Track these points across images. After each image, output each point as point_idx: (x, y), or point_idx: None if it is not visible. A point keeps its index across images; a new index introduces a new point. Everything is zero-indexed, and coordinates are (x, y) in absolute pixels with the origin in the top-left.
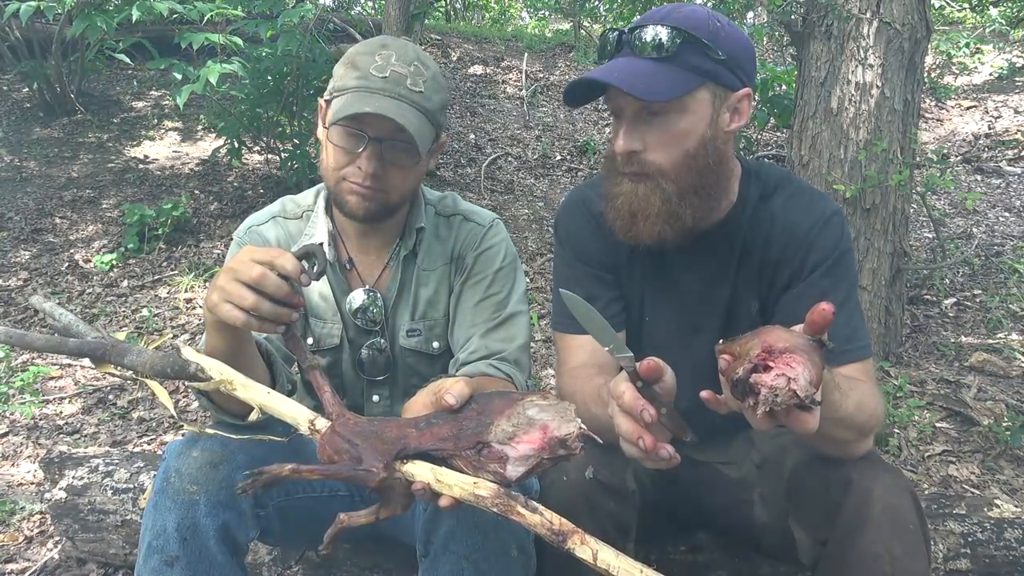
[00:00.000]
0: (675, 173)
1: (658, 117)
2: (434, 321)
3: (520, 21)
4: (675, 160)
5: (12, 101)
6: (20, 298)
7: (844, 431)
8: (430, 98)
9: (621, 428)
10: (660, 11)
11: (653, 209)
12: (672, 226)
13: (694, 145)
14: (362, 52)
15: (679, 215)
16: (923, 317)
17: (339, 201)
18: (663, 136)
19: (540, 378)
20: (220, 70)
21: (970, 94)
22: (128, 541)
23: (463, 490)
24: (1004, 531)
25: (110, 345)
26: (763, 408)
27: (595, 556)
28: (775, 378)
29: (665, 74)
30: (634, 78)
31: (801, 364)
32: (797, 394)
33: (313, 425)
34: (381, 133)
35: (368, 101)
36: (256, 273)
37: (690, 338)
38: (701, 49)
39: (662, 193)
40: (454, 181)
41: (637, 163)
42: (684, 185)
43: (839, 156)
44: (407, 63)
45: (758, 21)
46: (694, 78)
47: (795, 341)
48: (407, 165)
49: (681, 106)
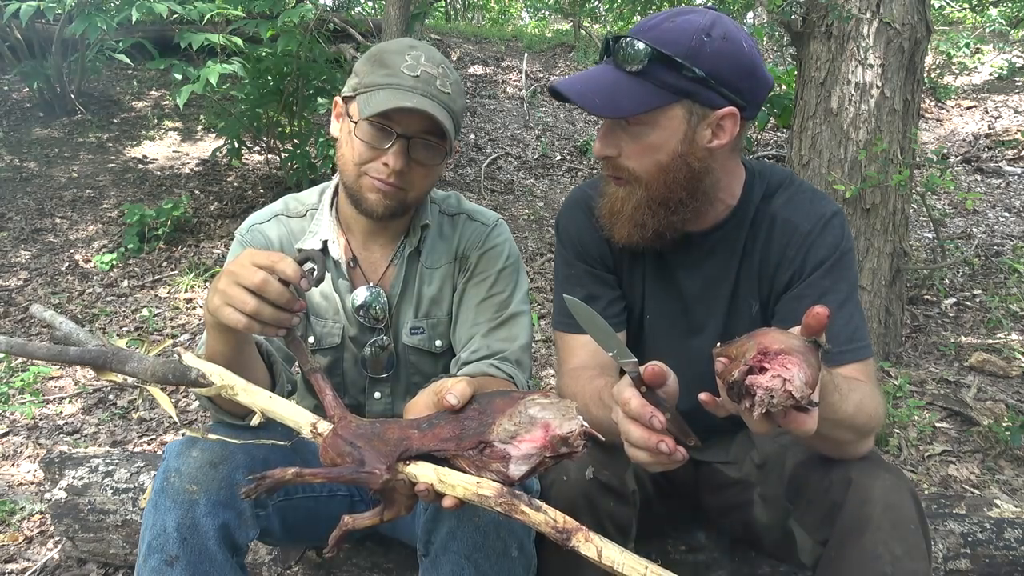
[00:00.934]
0: (648, 182)
1: (632, 127)
2: (437, 319)
3: (520, 21)
4: (648, 170)
5: (12, 101)
6: (20, 298)
7: (844, 432)
8: (455, 101)
9: (632, 435)
10: (654, 19)
11: (626, 212)
12: (639, 231)
13: (666, 159)
14: (390, 51)
15: (644, 223)
16: (923, 317)
17: (357, 198)
18: (635, 146)
19: (540, 378)
20: (220, 70)
21: (970, 94)
22: (128, 541)
23: (466, 490)
24: (1004, 531)
25: (111, 353)
26: (759, 410)
27: (599, 553)
28: (770, 379)
29: (633, 89)
30: (594, 91)
31: (796, 365)
32: (792, 395)
33: (315, 428)
34: (409, 130)
35: (404, 97)
36: (258, 279)
37: (691, 338)
38: (674, 67)
39: (635, 199)
40: (454, 181)
41: (613, 167)
42: (654, 195)
43: (839, 156)
44: (435, 64)
45: (758, 21)
46: (664, 95)
47: (791, 343)
48: (431, 164)
49: (652, 120)
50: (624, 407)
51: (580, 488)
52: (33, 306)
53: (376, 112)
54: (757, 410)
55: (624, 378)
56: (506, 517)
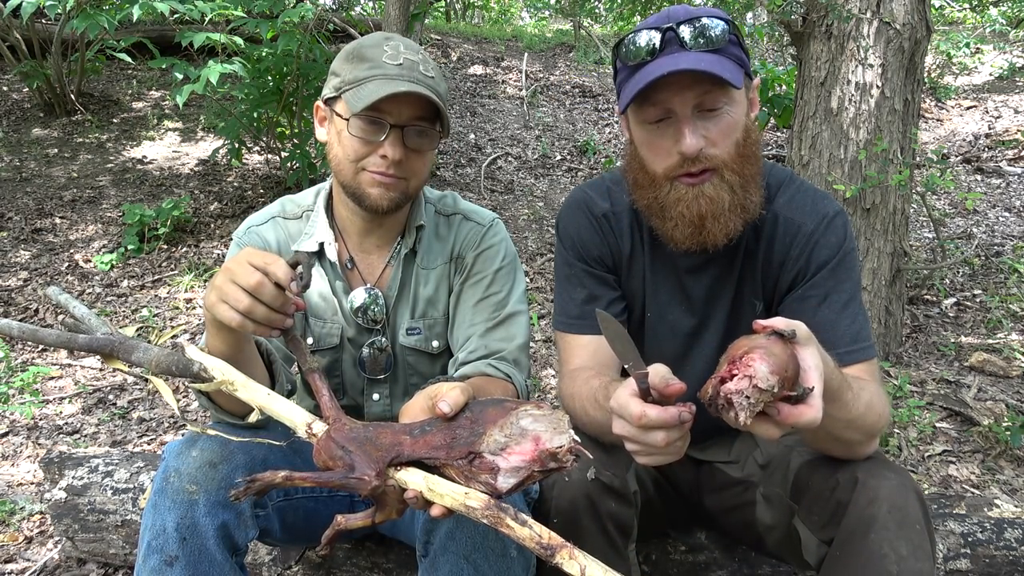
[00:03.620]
0: (735, 164)
1: (712, 112)
2: (434, 320)
3: (520, 21)
4: (731, 152)
5: (12, 101)
6: (20, 298)
7: (854, 432)
8: (439, 84)
9: (657, 440)
10: (680, 9)
11: (724, 205)
12: (741, 218)
13: (742, 135)
14: (367, 45)
15: (746, 205)
16: (923, 317)
17: (359, 195)
18: (720, 129)
19: (540, 378)
20: (220, 70)
21: (970, 94)
22: (128, 541)
23: (454, 500)
24: (1004, 531)
25: (118, 342)
26: (744, 414)
27: (583, 572)
28: (737, 382)
29: (725, 64)
30: (712, 67)
31: (758, 359)
32: (759, 387)
33: (310, 429)
34: (402, 119)
35: (395, 85)
36: (253, 280)
37: (693, 338)
38: (738, 41)
39: (728, 186)
40: (454, 181)
41: (705, 159)
42: (744, 174)
43: (839, 156)
44: (415, 52)
45: (758, 21)
46: (739, 69)
47: (752, 342)
48: (426, 150)
49: (731, 97)
50: (642, 421)
51: (581, 488)
52: (49, 288)
53: (368, 104)
54: (742, 415)
55: (626, 394)
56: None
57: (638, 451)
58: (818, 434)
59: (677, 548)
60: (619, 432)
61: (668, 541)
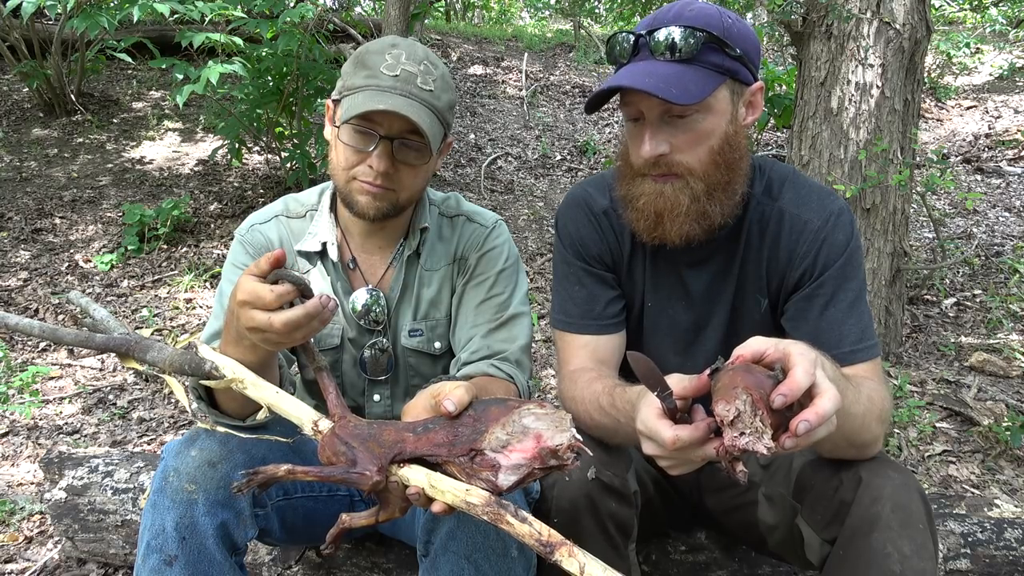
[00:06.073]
0: (703, 172)
1: (682, 119)
2: (436, 321)
3: (520, 21)
4: (702, 159)
5: (12, 101)
6: (20, 298)
7: (860, 432)
8: (439, 97)
9: (695, 457)
10: (670, 11)
11: (681, 208)
12: (700, 224)
13: (718, 143)
14: (372, 51)
15: (707, 213)
16: (923, 317)
17: (349, 201)
18: (689, 137)
19: (540, 378)
20: (220, 70)
21: (970, 94)
22: (128, 541)
23: (455, 497)
24: (1004, 531)
25: (134, 341)
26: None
27: (582, 570)
28: (725, 406)
29: (692, 75)
30: (664, 83)
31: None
32: (745, 419)
33: (316, 426)
34: (392, 131)
35: (380, 99)
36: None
37: (694, 335)
38: (719, 48)
39: (690, 192)
40: (454, 181)
41: (664, 165)
42: (712, 182)
43: (839, 156)
44: (417, 62)
45: (758, 21)
46: (716, 77)
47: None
48: (417, 164)
49: (705, 106)
50: (676, 444)
51: (582, 488)
52: (72, 292)
53: (354, 115)
54: (759, 447)
55: (650, 410)
56: (493, 526)
57: (672, 466)
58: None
59: (677, 548)
60: (651, 453)
61: (668, 541)
